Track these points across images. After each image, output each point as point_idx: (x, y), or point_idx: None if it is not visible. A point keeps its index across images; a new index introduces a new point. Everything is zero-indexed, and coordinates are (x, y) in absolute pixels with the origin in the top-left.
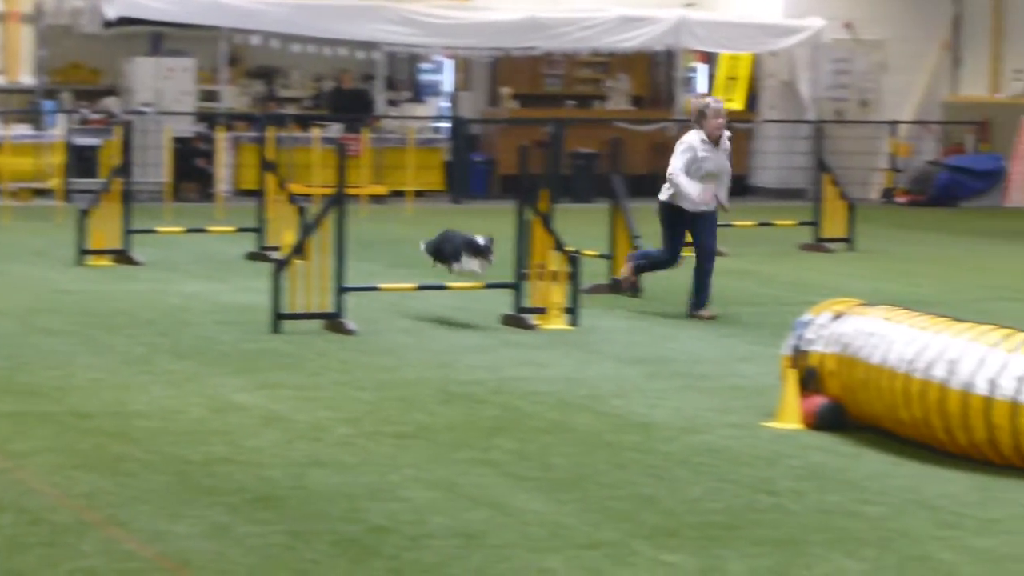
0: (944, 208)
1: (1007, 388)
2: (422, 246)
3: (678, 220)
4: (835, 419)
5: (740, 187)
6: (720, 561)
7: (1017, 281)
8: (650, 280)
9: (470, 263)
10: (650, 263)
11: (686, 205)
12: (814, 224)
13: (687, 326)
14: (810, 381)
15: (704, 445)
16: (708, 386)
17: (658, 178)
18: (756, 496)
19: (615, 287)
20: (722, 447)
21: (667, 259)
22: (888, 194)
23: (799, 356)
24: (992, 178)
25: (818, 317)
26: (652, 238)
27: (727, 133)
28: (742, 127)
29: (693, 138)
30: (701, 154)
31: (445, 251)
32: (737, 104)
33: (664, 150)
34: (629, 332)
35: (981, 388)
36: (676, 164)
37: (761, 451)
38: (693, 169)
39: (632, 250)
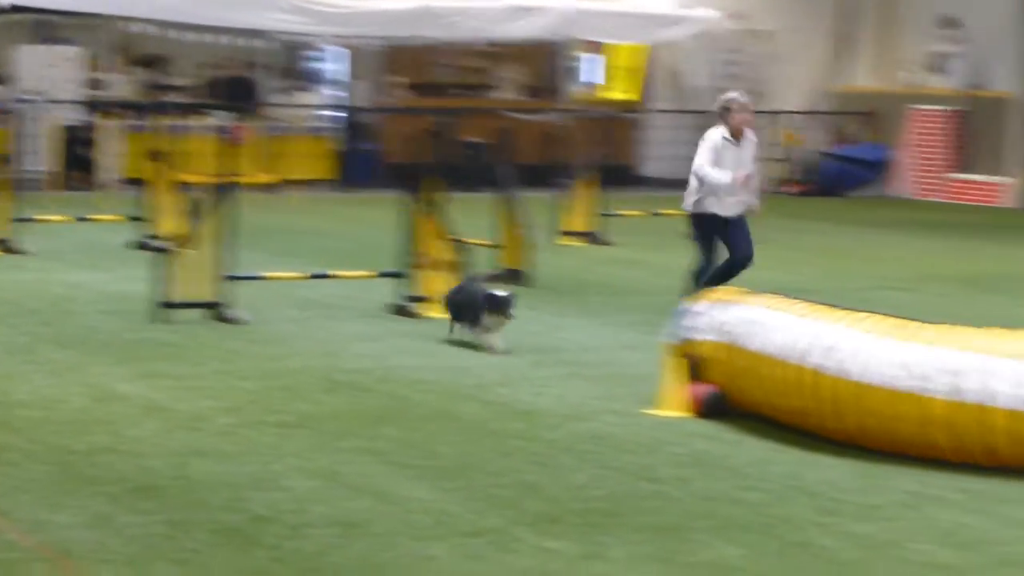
0: (832, 198)
1: (879, 375)
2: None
3: (710, 229)
4: (718, 407)
5: (630, 177)
6: (602, 548)
7: (901, 270)
8: (539, 268)
9: (489, 328)
10: (696, 282)
11: (717, 208)
12: None
13: (574, 315)
14: (694, 369)
15: (588, 432)
16: (594, 374)
17: (549, 168)
18: (639, 483)
19: (505, 277)
20: (606, 434)
21: (702, 269)
22: (778, 184)
23: (683, 344)
24: (879, 168)
25: (702, 306)
26: (543, 228)
27: (751, 131)
28: (634, 117)
29: (715, 135)
30: (722, 150)
31: (464, 311)
32: (629, 95)
33: (553, 140)
34: (519, 321)
35: (855, 375)
36: (702, 159)
37: (645, 438)
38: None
39: (519, 239)
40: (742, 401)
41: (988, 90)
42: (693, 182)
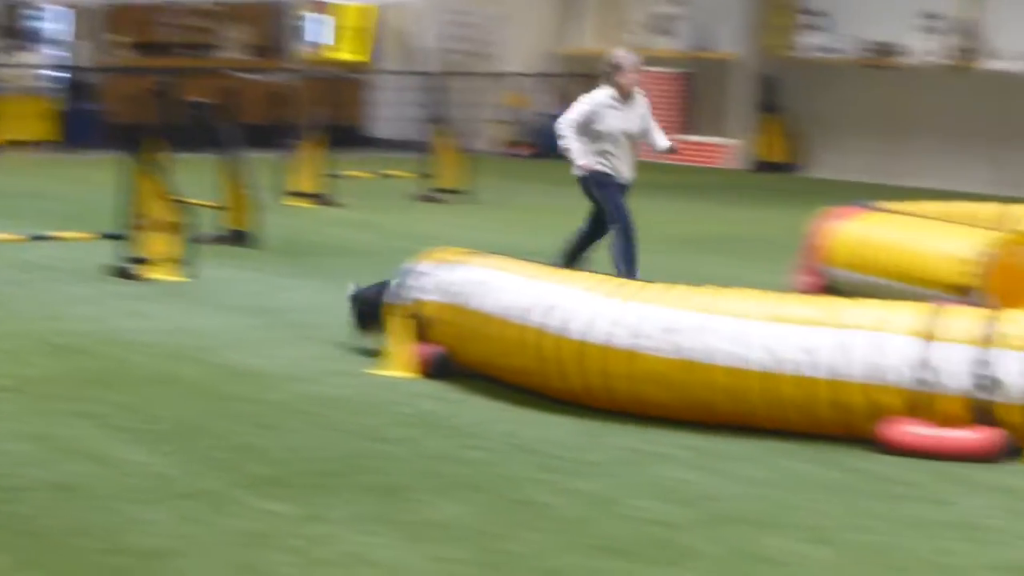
0: (558, 160)
1: (600, 334)
2: (350, 290)
3: (611, 185)
4: (443, 367)
5: (357, 138)
6: (324, 509)
7: None
8: (265, 230)
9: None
10: (624, 253)
11: (611, 172)
12: (431, 176)
13: (303, 276)
14: (420, 329)
15: (314, 394)
16: (322, 336)
17: (275, 128)
18: (364, 444)
19: (232, 238)
20: (332, 396)
21: (624, 224)
22: (505, 146)
23: (409, 305)
24: None
25: (428, 266)
26: (270, 189)
27: (640, 90)
28: (361, 78)
29: (600, 94)
30: (606, 111)
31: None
32: (357, 55)
33: (280, 100)
34: (245, 283)
35: (575, 334)
36: (567, 116)
37: (370, 399)
38: (592, 127)
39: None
40: (468, 361)
41: (712, 52)
42: (575, 145)
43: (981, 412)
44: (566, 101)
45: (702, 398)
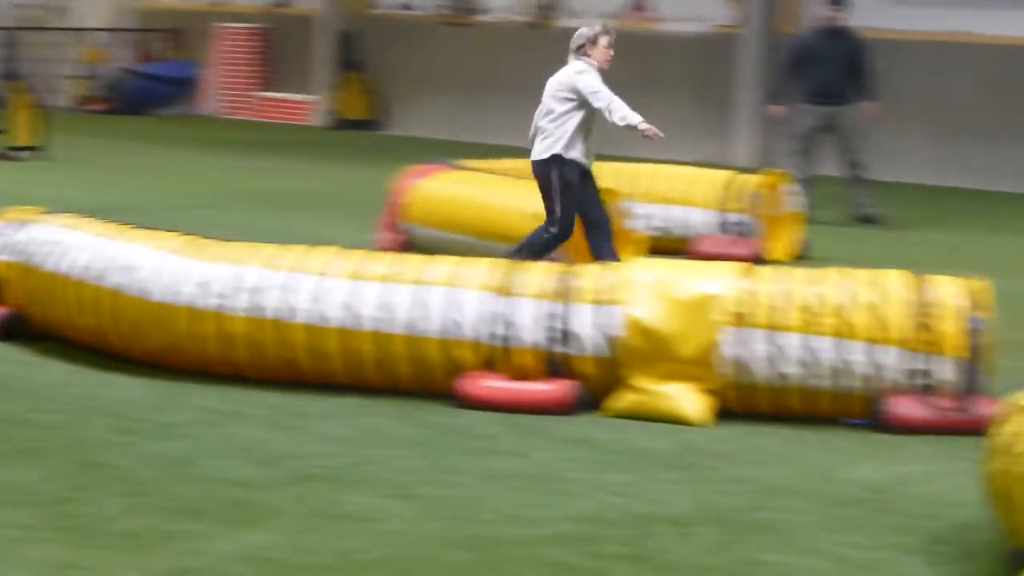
0: (137, 116)
1: (187, 294)
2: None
3: (571, 181)
4: (14, 328)
5: None
6: None
7: (209, 188)
8: None
9: None
10: (535, 251)
11: (582, 158)
12: (3, 132)
13: None
14: None
15: None
16: None
17: None
18: None
19: None
20: None
21: (562, 234)
22: (81, 102)
23: None
24: (185, 86)
25: None
26: None
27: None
28: None
29: (590, 67)
30: None
31: None
32: None
33: None
34: None
35: (159, 295)
36: (601, 89)
37: None
38: (590, 104)
39: None
40: (41, 323)
41: (291, 7)
42: (561, 125)
43: (556, 365)
44: (146, 56)
45: (284, 357)
